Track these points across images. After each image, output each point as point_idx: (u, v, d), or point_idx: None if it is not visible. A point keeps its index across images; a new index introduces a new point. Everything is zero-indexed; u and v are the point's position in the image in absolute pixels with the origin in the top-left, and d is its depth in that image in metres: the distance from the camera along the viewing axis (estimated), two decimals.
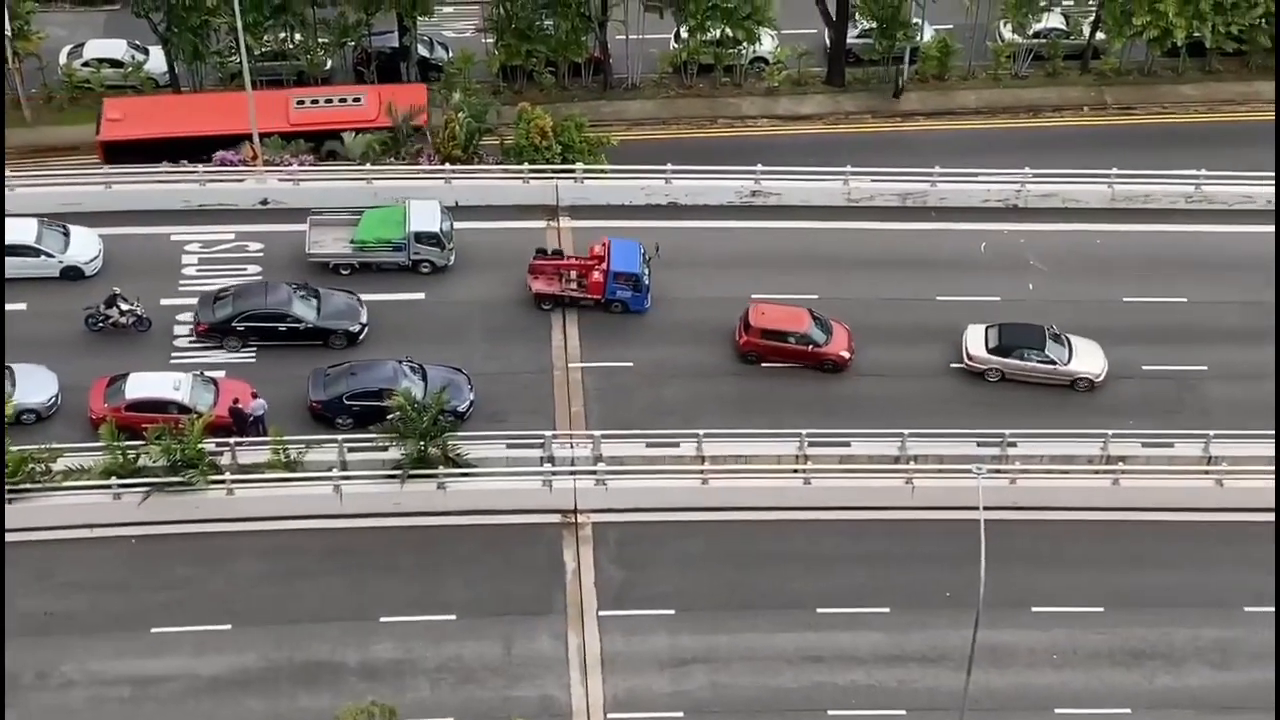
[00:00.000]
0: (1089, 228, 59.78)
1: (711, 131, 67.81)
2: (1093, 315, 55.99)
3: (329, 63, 69.14)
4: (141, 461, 49.45)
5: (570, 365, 54.44)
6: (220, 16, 64.20)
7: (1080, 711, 46.41)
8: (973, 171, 61.03)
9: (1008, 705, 46.26)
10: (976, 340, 54.07)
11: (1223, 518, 50.62)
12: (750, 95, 69.35)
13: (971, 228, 59.57)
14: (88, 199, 58.36)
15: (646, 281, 55.40)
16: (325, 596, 48.20)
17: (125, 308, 53.86)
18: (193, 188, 59.27)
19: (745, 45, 68.43)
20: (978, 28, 69.78)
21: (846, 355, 53.88)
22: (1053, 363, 53.47)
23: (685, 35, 68.50)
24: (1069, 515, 50.62)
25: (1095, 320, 55.75)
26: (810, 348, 53.60)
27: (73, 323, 54.08)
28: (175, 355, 53.91)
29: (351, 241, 56.50)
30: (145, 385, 51.37)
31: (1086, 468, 51.48)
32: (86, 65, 68.31)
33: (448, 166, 60.46)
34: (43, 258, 55.42)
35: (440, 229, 56.55)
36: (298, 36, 68.01)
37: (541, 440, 51.35)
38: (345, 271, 56.42)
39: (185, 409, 50.72)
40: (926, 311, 55.87)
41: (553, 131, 60.94)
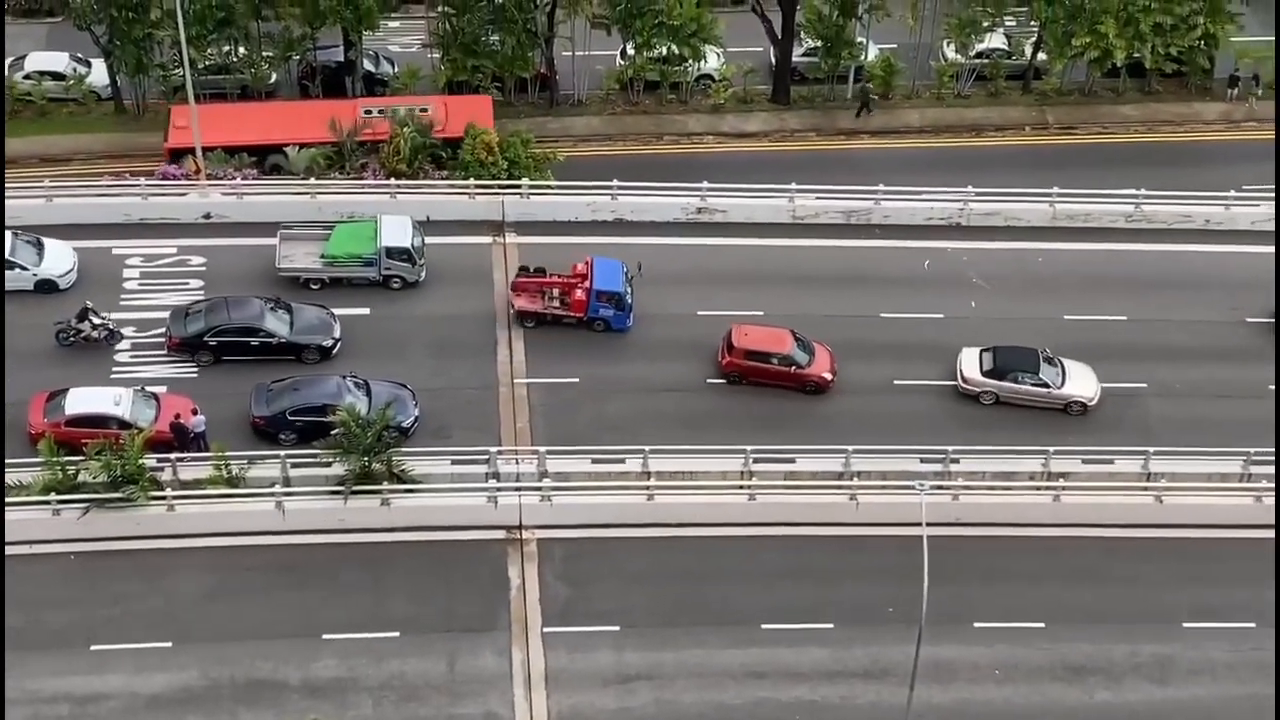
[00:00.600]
0: (1031, 246, 60.33)
1: (657, 148, 67.96)
2: (1034, 333, 56.41)
3: (273, 77, 68.89)
4: (81, 477, 49.01)
5: (516, 381, 54.38)
6: (163, 29, 63.84)
7: None
8: (916, 190, 61.48)
9: None
10: (971, 363, 54.17)
11: (1162, 534, 51.08)
12: (696, 112, 69.58)
13: (915, 245, 59.99)
14: (28, 212, 57.86)
15: (629, 300, 55.43)
16: (267, 614, 47.86)
17: (97, 321, 53.51)
18: (134, 201, 58.90)
19: (691, 62, 68.68)
20: (921, 47, 70.31)
21: (829, 377, 54.03)
22: (1047, 386, 53.72)
23: (631, 52, 68.68)
24: (1011, 531, 50.95)
25: (1037, 338, 56.15)
26: (792, 369, 53.77)
27: (44, 336, 53.59)
28: (116, 370, 53.50)
29: (322, 256, 56.31)
30: (85, 400, 50.95)
31: (1028, 484, 51.86)
32: (28, 78, 67.69)
33: (393, 181, 60.33)
34: (17, 271, 54.84)
35: (412, 244, 56.47)
36: (242, 50, 67.69)
37: (486, 456, 51.26)
38: (315, 286, 56.17)
39: (126, 424, 50.32)
40: (871, 328, 56.16)
41: (499, 147, 60.94)
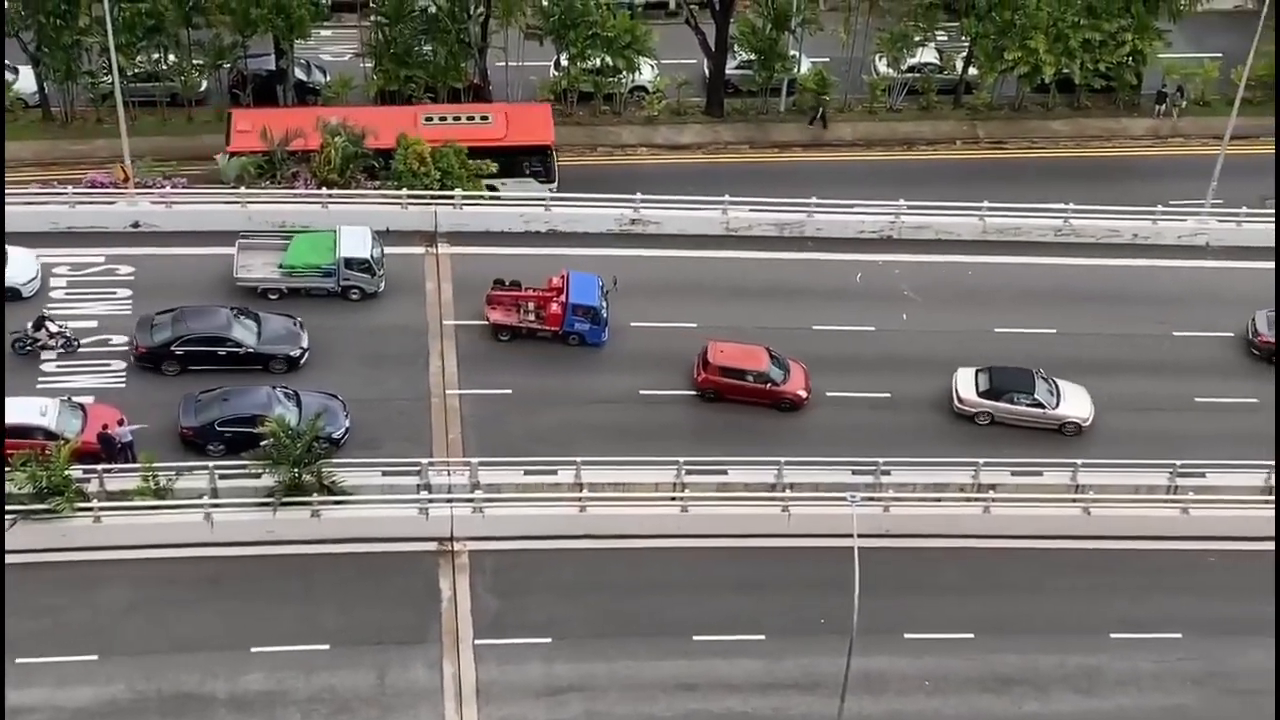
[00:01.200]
0: (961, 259, 60.77)
1: (591, 159, 68.00)
2: (964, 345, 56.82)
3: (204, 84, 68.41)
4: (7, 489, 48.33)
5: (448, 392, 54.16)
6: (92, 36, 63.24)
7: None
8: (848, 203, 61.79)
9: None
10: (967, 384, 54.38)
11: (1089, 545, 51.53)
12: (630, 124, 69.70)
13: (847, 258, 60.28)
14: None
15: (604, 314, 55.36)
16: (195, 626, 47.38)
17: (54, 329, 52.86)
18: (62, 210, 58.24)
19: (625, 74, 68.79)
20: (854, 61, 70.76)
21: (804, 394, 54.16)
22: (1042, 406, 53.98)
23: (565, 63, 68.68)
24: (941, 542, 51.24)
25: (967, 350, 56.58)
26: (768, 386, 53.86)
27: None
28: (43, 380, 52.84)
29: (280, 266, 56.02)
30: (11, 410, 50.24)
31: (958, 495, 52.18)
32: None
33: (324, 191, 60.01)
34: None
35: (371, 255, 56.22)
36: (171, 57, 67.18)
37: (418, 467, 51.02)
38: (274, 297, 55.82)
39: (52, 435, 49.69)
40: (803, 340, 56.35)
41: (431, 157, 60.75)
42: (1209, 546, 51.52)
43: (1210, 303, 59.29)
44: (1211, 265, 61.26)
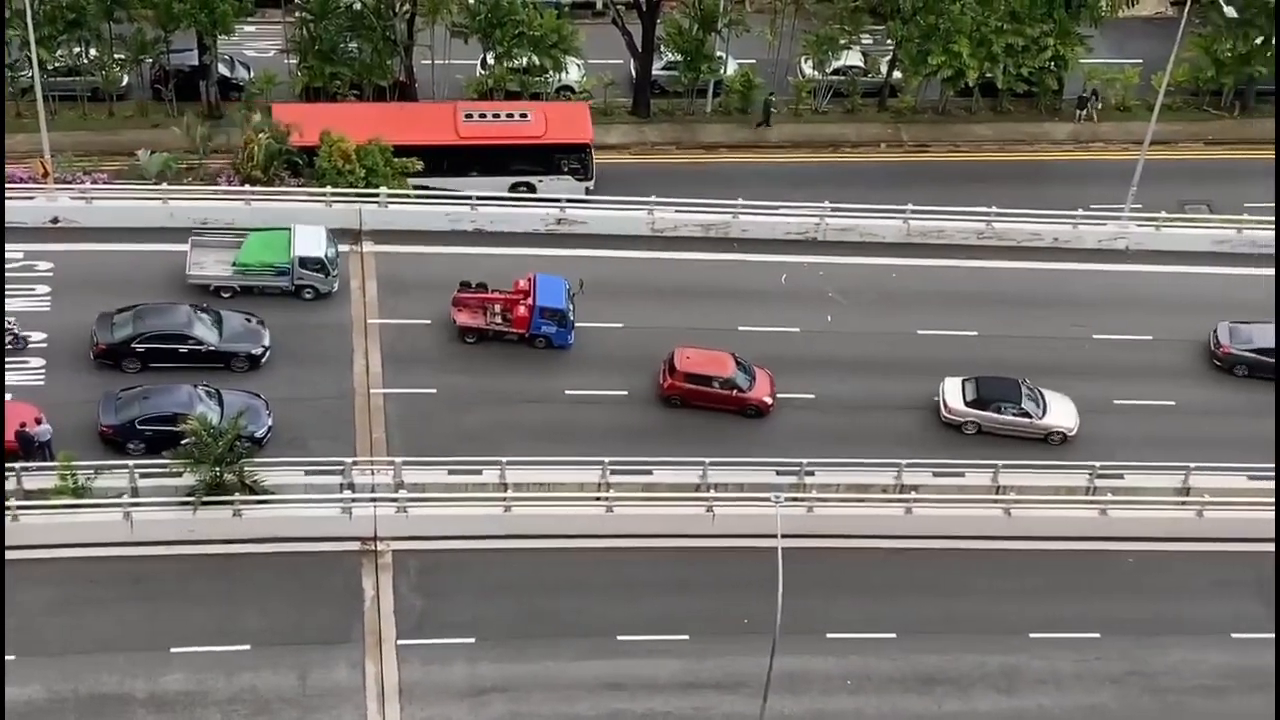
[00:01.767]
0: (885, 261, 61.15)
1: None
2: (887, 347, 57.24)
3: (125, 79, 67.67)
4: None
5: (372, 391, 53.88)
6: (12, 29, 62.34)
7: None
8: (774, 204, 62.04)
9: None
10: (954, 394, 54.61)
11: (1010, 545, 52.01)
12: None
13: (772, 259, 60.53)
14: None
15: (571, 317, 55.20)
16: (114, 626, 46.88)
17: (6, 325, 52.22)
18: None
19: (552, 73, 68.71)
20: (780, 63, 71.05)
21: (769, 401, 54.26)
22: (1029, 416, 54.32)
23: (492, 62, 68.50)
24: (864, 543, 51.53)
25: (890, 352, 57.01)
26: (734, 392, 53.92)
27: None
28: None
29: (234, 264, 55.63)
30: None
31: (881, 496, 52.53)
32: None
33: (248, 188, 59.53)
34: None
35: (325, 255, 55.91)
36: (93, 52, 66.38)
37: (341, 467, 50.73)
38: (226, 295, 55.43)
39: None
40: (728, 341, 56.47)
41: (356, 155, 60.41)
42: (1127, 547, 52.16)
43: (1129, 306, 60.05)
44: (1131, 269, 62.06)
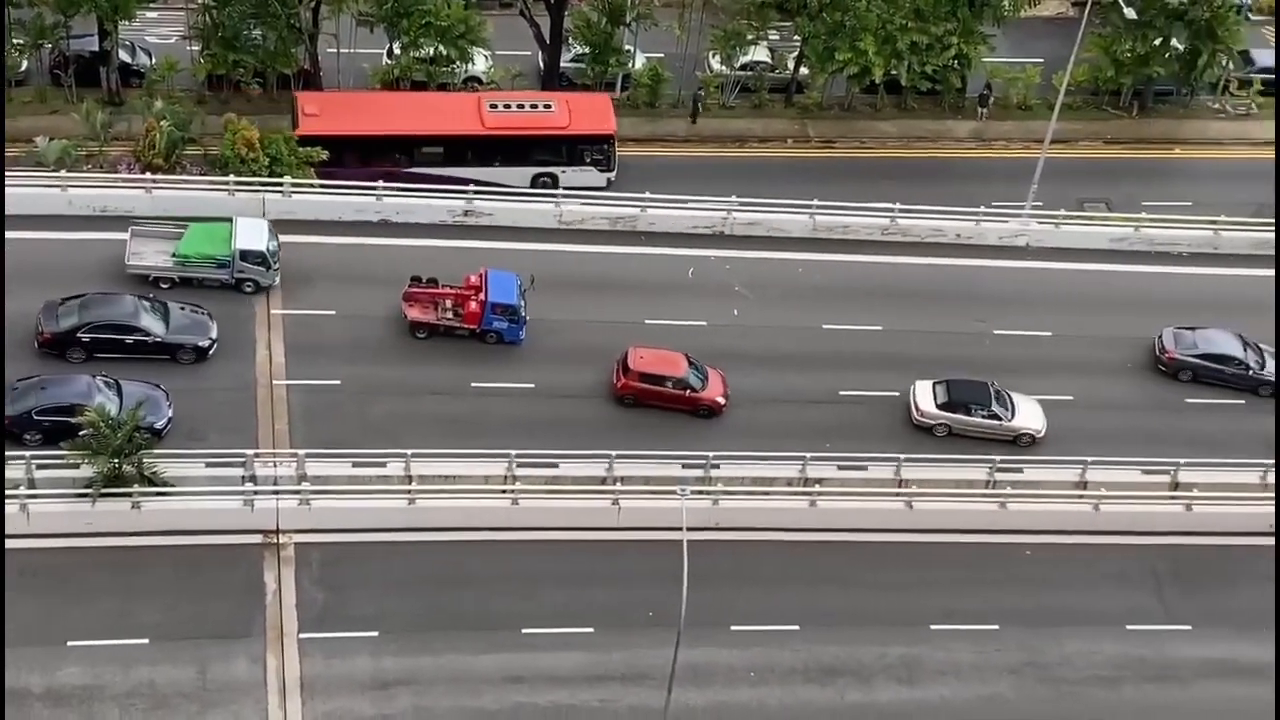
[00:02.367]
0: (791, 256, 61.53)
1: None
2: (793, 341, 57.58)
3: (24, 65, 66.47)
4: None
5: (275, 382, 53.39)
6: None
7: None
8: (681, 198, 62.20)
9: None
10: (925, 396, 55.06)
11: (911, 538, 52.55)
12: None
13: (680, 253, 60.69)
14: None
15: (523, 313, 54.92)
16: (10, 620, 45.90)
17: None
18: None
19: (459, 64, 68.35)
20: (688, 58, 71.21)
21: (722, 401, 54.42)
22: (999, 419, 54.85)
23: (398, 51, 68.05)
24: (768, 535, 51.85)
25: (796, 346, 57.36)
26: (687, 392, 54.05)
27: None
28: None
29: (174, 255, 55.07)
30: None
31: (785, 490, 52.85)
32: None
33: (149, 176, 58.76)
34: None
35: (266, 248, 55.46)
36: None
37: (243, 459, 50.23)
38: (165, 285, 54.86)
39: None
40: (636, 335, 56.50)
41: (260, 144, 59.83)
42: (1025, 540, 52.87)
43: (1029, 303, 60.83)
44: (1032, 266, 62.87)
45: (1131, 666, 49.91)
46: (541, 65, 70.44)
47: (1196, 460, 54.40)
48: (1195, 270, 63.62)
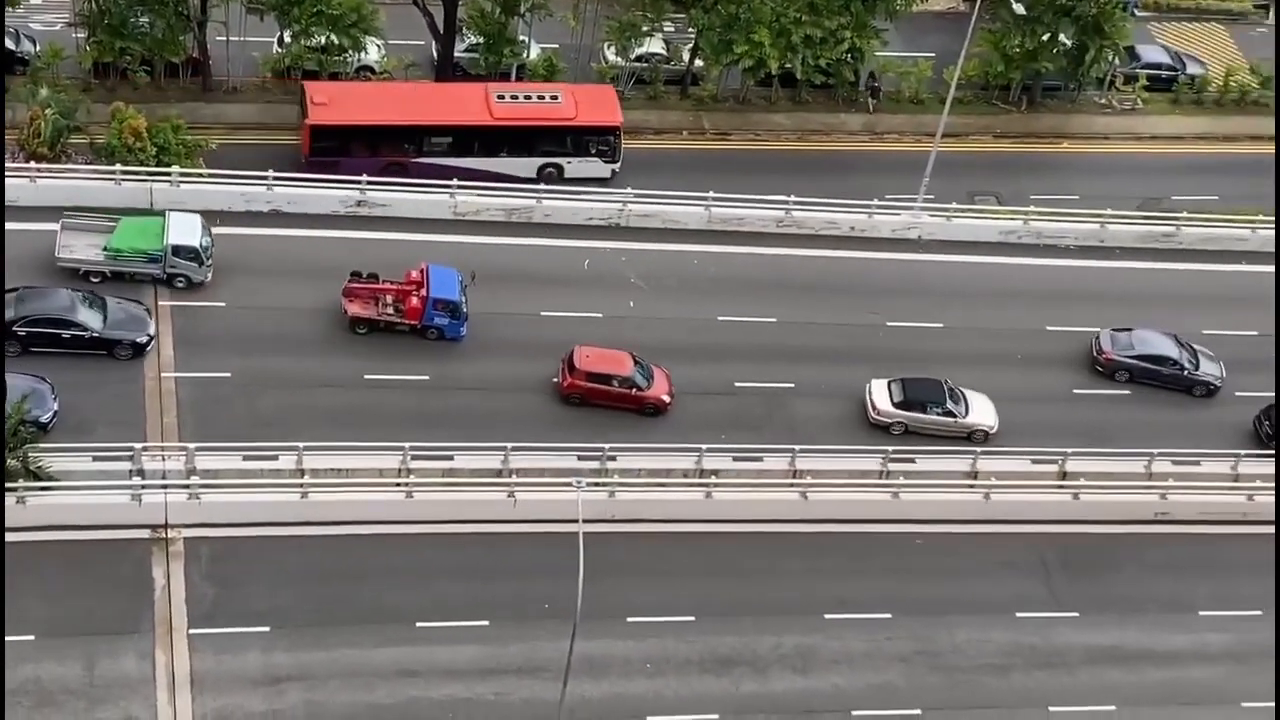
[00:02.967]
0: (687, 248, 61.68)
1: None
2: (689, 333, 57.73)
3: None
4: None
5: (164, 375, 52.63)
6: None
7: (671, 719, 47.57)
8: (577, 190, 62.12)
9: (603, 715, 47.06)
10: (881, 395, 55.36)
11: (806, 529, 52.90)
12: None
13: (576, 245, 60.60)
14: None
15: (464, 309, 54.47)
16: None
17: None
18: None
19: (351, 53, 67.67)
20: (583, 49, 71.07)
21: (667, 399, 54.39)
22: (954, 416, 55.24)
23: (289, 40, 67.24)
24: (664, 527, 51.97)
25: (691, 338, 57.51)
26: (633, 391, 53.94)
27: None
28: None
29: (105, 249, 54.26)
30: None
31: (681, 481, 52.98)
32: None
33: (33, 165, 57.64)
34: None
35: (199, 244, 54.74)
36: None
37: (130, 452, 49.47)
38: (95, 279, 54.02)
39: None
40: (531, 326, 56.45)
41: (147, 132, 58.93)
42: (916, 530, 53.44)
43: (922, 294, 61.46)
44: (923, 258, 63.52)
45: (1021, 653, 50.62)
46: (435, 55, 69.94)
47: (1083, 450, 55.29)
48: (1082, 263, 64.64)
